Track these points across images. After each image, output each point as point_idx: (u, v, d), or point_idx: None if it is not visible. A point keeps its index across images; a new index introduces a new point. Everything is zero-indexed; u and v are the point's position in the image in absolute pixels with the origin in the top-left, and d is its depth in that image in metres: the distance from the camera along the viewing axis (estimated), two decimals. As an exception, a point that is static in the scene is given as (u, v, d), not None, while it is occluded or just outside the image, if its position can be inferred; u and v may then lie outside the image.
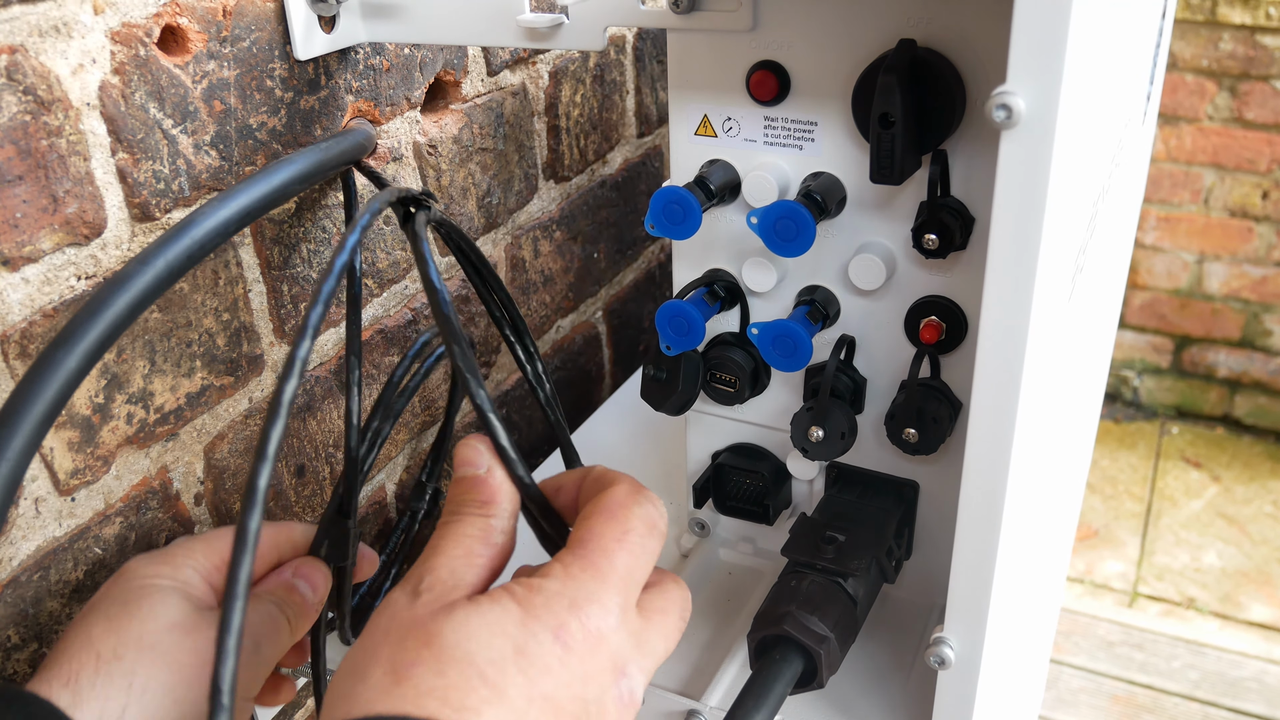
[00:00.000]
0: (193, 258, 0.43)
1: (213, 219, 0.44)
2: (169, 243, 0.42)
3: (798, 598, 0.50)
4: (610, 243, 0.94)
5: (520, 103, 0.77)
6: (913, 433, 0.52)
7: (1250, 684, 1.77)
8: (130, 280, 0.40)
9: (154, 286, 0.40)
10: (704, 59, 0.53)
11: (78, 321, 0.38)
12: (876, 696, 0.56)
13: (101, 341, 0.38)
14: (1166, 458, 2.36)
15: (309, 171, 0.52)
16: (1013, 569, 0.48)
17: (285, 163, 0.50)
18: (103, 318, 0.38)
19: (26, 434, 0.34)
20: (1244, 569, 2.03)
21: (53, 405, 0.36)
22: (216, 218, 0.44)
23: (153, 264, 0.41)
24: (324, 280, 0.38)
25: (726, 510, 0.63)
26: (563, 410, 0.54)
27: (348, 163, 0.57)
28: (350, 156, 0.57)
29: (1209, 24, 2.13)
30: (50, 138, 0.46)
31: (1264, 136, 2.17)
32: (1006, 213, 0.37)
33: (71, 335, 0.37)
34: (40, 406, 0.35)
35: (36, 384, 0.35)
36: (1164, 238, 2.34)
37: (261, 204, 0.47)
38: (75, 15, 0.46)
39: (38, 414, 0.35)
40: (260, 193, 0.47)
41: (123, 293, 0.39)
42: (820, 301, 0.54)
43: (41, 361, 0.36)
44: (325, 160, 0.54)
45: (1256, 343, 2.36)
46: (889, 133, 0.46)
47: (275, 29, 0.55)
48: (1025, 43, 0.34)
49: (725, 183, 0.53)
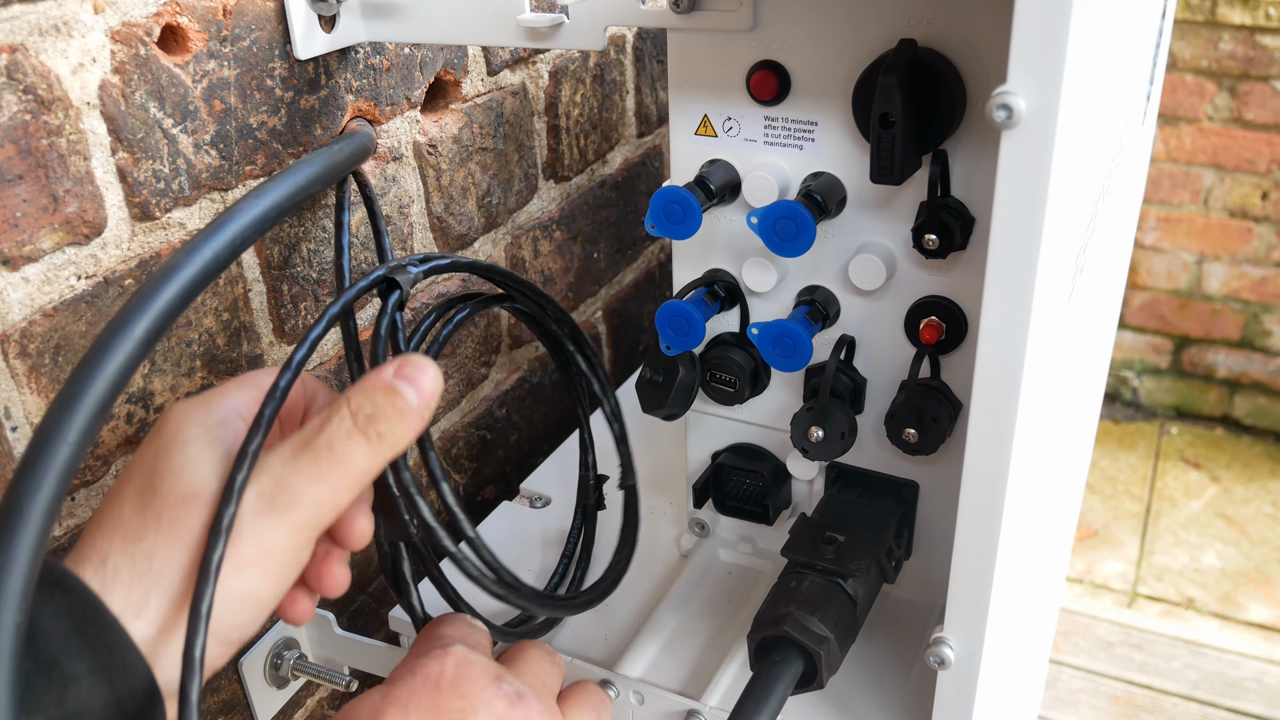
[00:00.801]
0: (236, 250, 0.44)
1: (245, 217, 0.46)
2: (214, 233, 0.43)
3: (798, 598, 0.50)
4: (610, 243, 0.94)
5: (520, 102, 0.77)
6: (913, 433, 0.52)
7: (1249, 684, 1.77)
8: (179, 270, 0.41)
9: (201, 276, 0.41)
10: (704, 59, 0.53)
11: (132, 306, 0.38)
12: (876, 697, 0.56)
13: (156, 328, 0.39)
14: (1166, 458, 2.36)
15: (323, 173, 0.53)
16: (1013, 569, 0.48)
17: (297, 168, 0.51)
18: (153, 306, 0.39)
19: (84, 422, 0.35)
20: (1243, 569, 2.03)
21: (109, 394, 0.36)
22: (249, 215, 0.46)
23: (200, 253, 0.42)
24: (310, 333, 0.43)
25: (726, 510, 0.63)
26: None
27: (354, 165, 0.57)
28: (357, 160, 0.57)
29: (1209, 24, 2.13)
30: (50, 137, 0.46)
31: (1264, 137, 2.17)
32: (1007, 213, 0.37)
33: (128, 319, 0.38)
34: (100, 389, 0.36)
35: (91, 372, 0.36)
36: (1164, 238, 2.34)
37: (277, 211, 0.48)
38: (75, 14, 0.46)
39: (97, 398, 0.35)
40: (279, 196, 0.48)
41: (172, 282, 0.40)
42: (820, 302, 0.54)
43: (98, 346, 0.37)
44: (336, 163, 0.54)
45: (1256, 343, 2.36)
46: (889, 133, 0.46)
47: (275, 28, 0.55)
48: (1026, 43, 0.34)
49: (725, 183, 0.53)
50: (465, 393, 0.79)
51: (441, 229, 0.72)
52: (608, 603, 0.62)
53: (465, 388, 0.79)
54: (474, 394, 0.80)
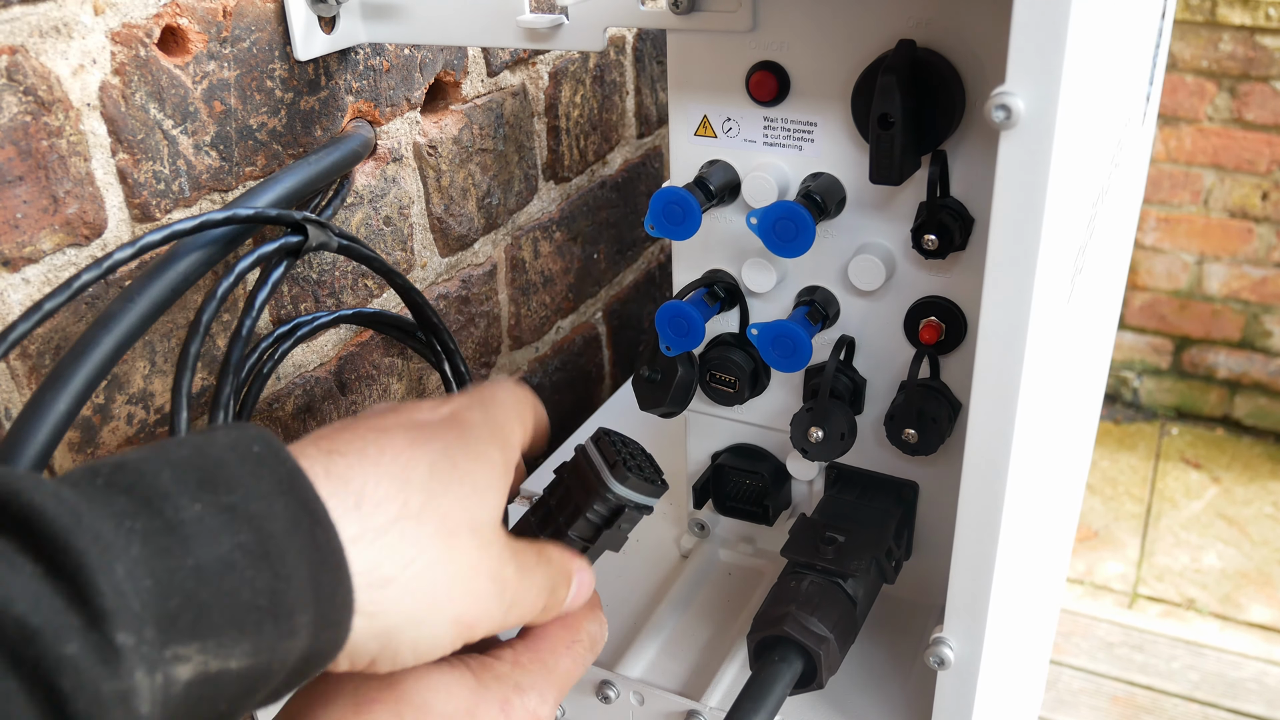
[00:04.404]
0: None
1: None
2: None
3: (797, 598, 0.50)
4: (610, 243, 0.94)
5: (520, 103, 0.78)
6: (912, 433, 0.52)
7: (1250, 685, 1.77)
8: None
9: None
10: (704, 60, 0.53)
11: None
12: (876, 697, 0.56)
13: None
14: (1166, 459, 2.36)
15: (315, 176, 0.53)
16: (1012, 570, 0.48)
17: (290, 171, 0.51)
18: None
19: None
20: (1244, 570, 2.03)
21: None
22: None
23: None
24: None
25: (726, 511, 0.63)
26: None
27: (346, 168, 0.57)
28: (350, 162, 0.57)
29: (1209, 25, 2.13)
30: (51, 138, 0.46)
31: (1264, 137, 2.17)
32: (1006, 213, 0.37)
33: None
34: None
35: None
36: (1164, 238, 2.34)
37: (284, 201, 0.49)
38: (76, 16, 0.46)
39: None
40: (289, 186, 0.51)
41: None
42: (820, 302, 0.54)
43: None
44: (331, 166, 0.55)
45: (1256, 344, 2.36)
46: (888, 133, 0.46)
47: (275, 29, 0.55)
48: (1025, 43, 0.35)
49: (725, 183, 0.53)
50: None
51: (441, 230, 0.72)
52: (607, 603, 0.62)
53: (465, 388, 0.79)
54: (474, 395, 0.80)
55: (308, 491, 0.30)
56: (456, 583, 0.34)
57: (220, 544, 0.27)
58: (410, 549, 0.33)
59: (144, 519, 0.27)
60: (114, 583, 0.25)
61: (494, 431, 0.39)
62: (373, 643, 0.32)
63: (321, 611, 0.29)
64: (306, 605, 0.29)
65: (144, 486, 0.27)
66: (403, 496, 0.33)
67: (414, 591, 0.33)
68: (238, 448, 0.30)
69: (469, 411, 0.39)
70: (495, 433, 0.39)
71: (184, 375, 0.46)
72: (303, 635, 0.29)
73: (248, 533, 0.28)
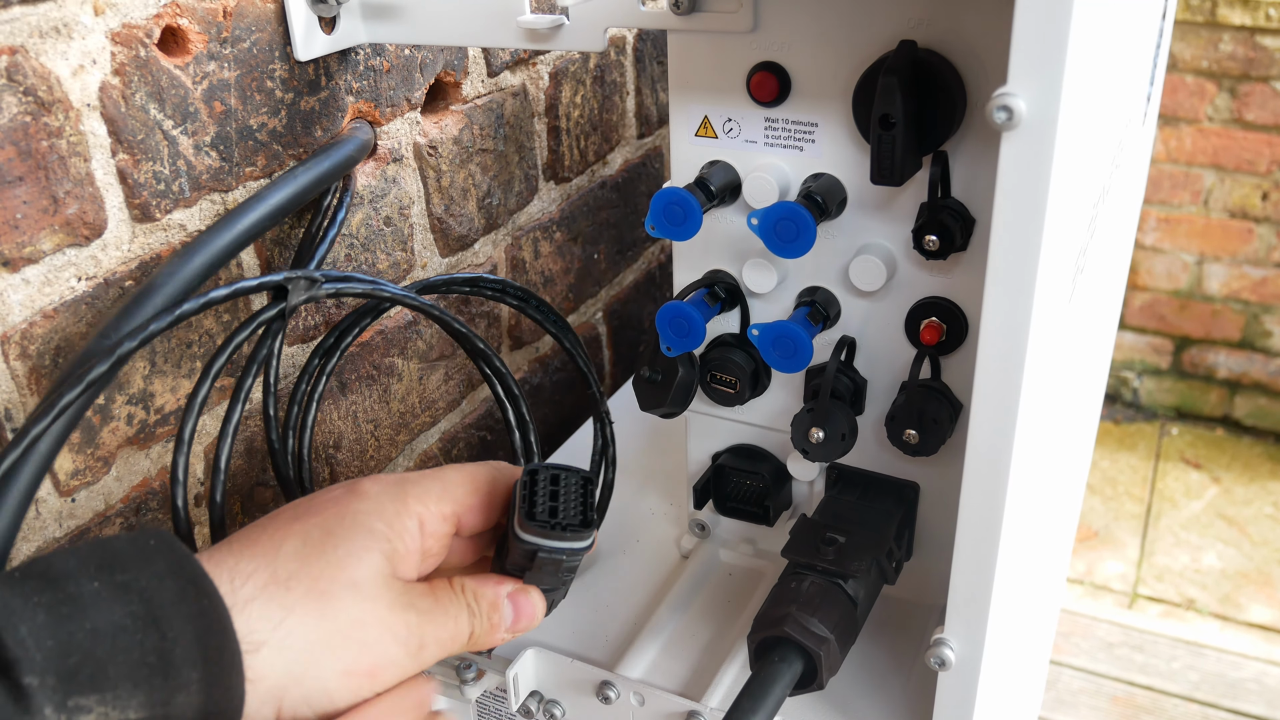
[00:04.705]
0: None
1: (234, 228, 0.51)
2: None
3: (798, 599, 0.50)
4: (610, 244, 0.94)
5: (520, 104, 0.77)
6: (913, 434, 0.52)
7: (1250, 685, 1.77)
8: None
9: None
10: (704, 60, 0.53)
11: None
12: (876, 697, 0.56)
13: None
14: (1166, 459, 2.36)
15: (316, 179, 0.54)
16: (1013, 570, 0.48)
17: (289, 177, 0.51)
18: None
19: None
20: (1244, 570, 2.03)
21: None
22: (239, 224, 0.52)
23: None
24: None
25: (727, 511, 0.63)
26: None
27: (346, 170, 0.57)
28: (349, 164, 0.57)
29: (1209, 25, 2.13)
30: (51, 139, 0.46)
31: (1264, 138, 2.17)
32: (1007, 214, 0.37)
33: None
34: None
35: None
36: (1164, 239, 2.34)
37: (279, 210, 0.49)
38: (76, 16, 0.46)
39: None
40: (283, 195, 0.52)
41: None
42: (821, 303, 0.54)
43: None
44: (331, 169, 0.55)
45: (1256, 344, 2.36)
46: (889, 134, 0.46)
47: (275, 30, 0.55)
48: (1026, 44, 0.34)
49: (726, 184, 0.53)
50: (465, 394, 0.79)
51: (442, 230, 0.72)
52: (608, 603, 0.62)
53: (466, 389, 0.79)
54: (474, 395, 0.80)
55: (195, 569, 0.35)
56: (337, 636, 0.37)
57: (114, 612, 0.32)
58: (278, 611, 0.36)
59: (49, 594, 0.32)
60: (18, 639, 0.30)
61: (382, 505, 0.41)
62: (266, 706, 0.36)
63: (210, 670, 0.33)
64: (195, 663, 0.33)
65: (51, 571, 0.33)
66: (271, 568, 0.37)
67: (287, 649, 0.36)
68: (136, 541, 0.35)
69: (367, 485, 0.42)
70: (384, 505, 0.41)
71: (224, 446, 0.49)
72: (195, 690, 0.33)
73: (139, 603, 0.33)
